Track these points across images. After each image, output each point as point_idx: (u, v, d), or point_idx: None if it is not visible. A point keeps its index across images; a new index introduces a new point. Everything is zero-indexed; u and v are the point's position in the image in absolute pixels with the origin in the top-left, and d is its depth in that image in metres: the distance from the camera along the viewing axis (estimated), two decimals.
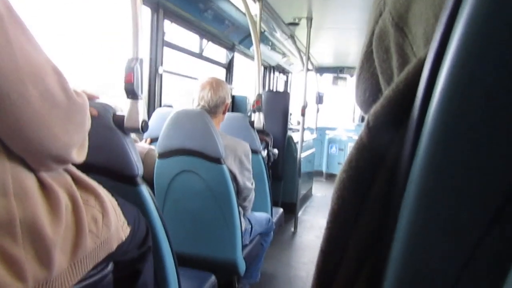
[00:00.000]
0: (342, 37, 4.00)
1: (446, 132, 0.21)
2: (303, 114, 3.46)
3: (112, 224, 0.87)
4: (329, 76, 6.13)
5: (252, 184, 1.97)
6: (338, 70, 5.94)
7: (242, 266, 1.90)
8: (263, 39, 3.96)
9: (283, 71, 5.94)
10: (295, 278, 2.65)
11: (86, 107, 0.78)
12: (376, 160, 0.29)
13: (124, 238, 0.92)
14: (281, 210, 2.89)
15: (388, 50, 0.35)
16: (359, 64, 0.42)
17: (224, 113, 1.93)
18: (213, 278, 1.68)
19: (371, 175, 0.29)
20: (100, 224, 0.83)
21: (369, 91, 0.41)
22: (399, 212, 0.25)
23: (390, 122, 0.28)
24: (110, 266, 0.94)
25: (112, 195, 0.95)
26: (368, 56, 0.40)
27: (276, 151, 3.24)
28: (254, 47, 2.59)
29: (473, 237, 0.21)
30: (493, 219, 0.20)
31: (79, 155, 0.79)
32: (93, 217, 0.82)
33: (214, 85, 1.84)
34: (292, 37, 3.80)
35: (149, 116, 2.40)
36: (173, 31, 2.68)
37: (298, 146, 3.57)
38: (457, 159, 0.21)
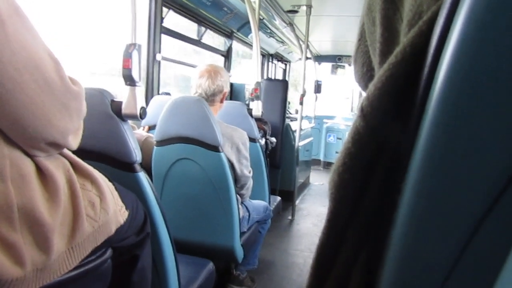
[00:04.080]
0: (341, 25, 3.97)
1: (448, 118, 0.21)
2: (301, 103, 3.45)
3: (110, 208, 0.87)
4: (327, 65, 6.10)
5: (250, 172, 1.98)
6: (336, 59, 5.91)
7: (240, 253, 1.91)
8: (262, 26, 3.93)
9: (281, 59, 5.91)
10: (292, 265, 2.67)
11: (82, 94, 0.78)
12: (373, 149, 0.28)
13: (122, 222, 0.93)
14: (278, 198, 2.90)
15: (375, 22, 0.34)
16: (357, 37, 0.40)
17: (221, 101, 1.92)
18: (211, 265, 1.69)
19: (370, 166, 0.29)
20: (98, 208, 0.83)
21: (367, 65, 0.39)
22: (400, 197, 0.25)
23: (385, 109, 0.27)
24: (109, 252, 0.94)
25: (109, 180, 0.95)
26: (363, 27, 0.39)
27: (274, 139, 3.24)
28: (253, 35, 2.56)
29: (472, 220, 0.21)
30: (494, 202, 0.20)
31: (74, 141, 0.80)
32: (90, 201, 0.82)
33: (212, 73, 1.82)
34: (291, 25, 3.77)
35: (147, 103, 2.39)
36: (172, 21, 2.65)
37: (296, 135, 3.57)
38: (457, 147, 0.21)
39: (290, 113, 5.06)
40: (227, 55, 3.77)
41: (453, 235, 0.22)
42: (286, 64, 6.26)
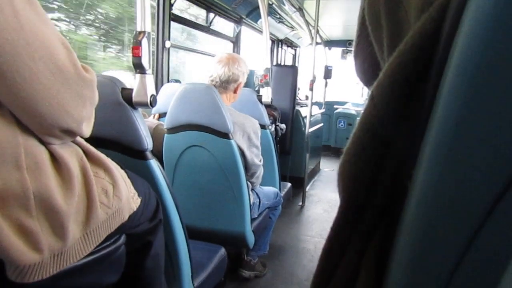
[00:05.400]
0: (351, 9, 3.90)
1: (459, 106, 0.21)
2: (311, 89, 3.42)
3: (123, 195, 0.88)
4: (337, 50, 6.02)
5: (260, 160, 1.98)
6: (347, 43, 5.83)
7: (251, 238, 1.93)
8: (271, 11, 3.88)
9: (291, 44, 5.85)
10: (303, 250, 2.69)
11: (95, 82, 0.79)
12: (385, 137, 0.28)
13: (135, 208, 0.94)
14: (289, 184, 2.91)
15: (379, 16, 0.33)
16: (357, 32, 0.39)
17: (235, 92, 1.92)
18: (222, 250, 1.71)
19: (382, 154, 0.28)
20: (111, 195, 0.84)
21: (368, 61, 0.39)
22: (411, 184, 0.25)
23: (396, 97, 0.27)
24: (123, 238, 0.96)
25: (121, 167, 0.96)
26: (364, 23, 0.38)
27: (284, 126, 3.23)
28: (262, 20, 2.54)
29: (481, 212, 0.21)
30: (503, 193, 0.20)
31: (87, 129, 0.80)
32: (104, 188, 0.83)
33: (231, 61, 1.84)
34: (300, 9, 3.72)
35: (157, 91, 2.40)
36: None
37: (306, 121, 3.55)
38: (470, 133, 0.21)
39: (300, 99, 5.03)
40: (236, 41, 3.74)
41: (460, 229, 0.21)
42: (295, 50, 6.20)
